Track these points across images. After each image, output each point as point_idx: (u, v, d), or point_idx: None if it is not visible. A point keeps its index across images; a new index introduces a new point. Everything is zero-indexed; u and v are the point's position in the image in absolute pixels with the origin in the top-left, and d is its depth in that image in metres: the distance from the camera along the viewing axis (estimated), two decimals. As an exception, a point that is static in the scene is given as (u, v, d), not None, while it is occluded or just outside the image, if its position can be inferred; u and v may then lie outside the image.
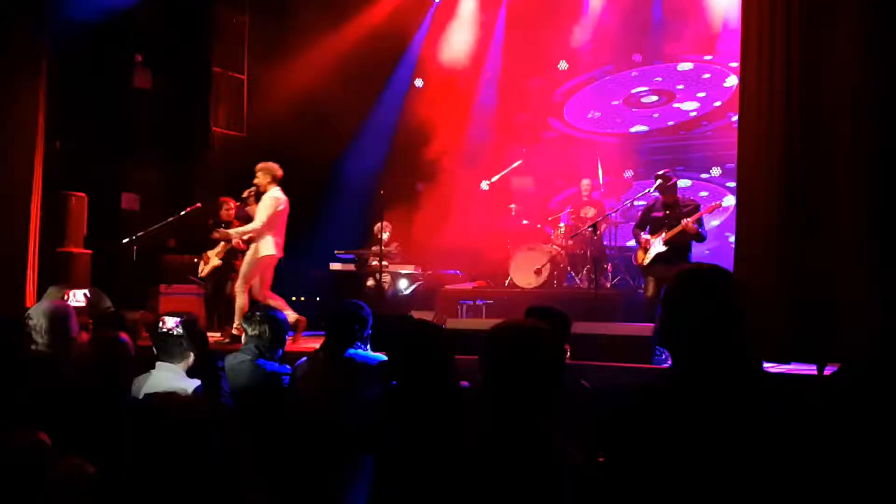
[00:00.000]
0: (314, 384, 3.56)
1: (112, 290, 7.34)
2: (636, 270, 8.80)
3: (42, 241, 8.35)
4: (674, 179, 7.38)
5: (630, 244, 9.58)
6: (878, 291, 5.59)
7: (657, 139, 10.90)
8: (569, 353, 5.82)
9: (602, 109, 11.31)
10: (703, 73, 10.64)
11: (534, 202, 10.62)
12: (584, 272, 9.09)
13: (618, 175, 10.47)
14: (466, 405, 2.57)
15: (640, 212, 7.74)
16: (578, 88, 11.42)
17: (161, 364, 3.48)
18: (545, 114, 11.53)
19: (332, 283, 9.84)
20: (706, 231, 7.19)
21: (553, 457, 1.88)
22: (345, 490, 3.19)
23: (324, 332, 3.88)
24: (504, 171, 9.72)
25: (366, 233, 9.77)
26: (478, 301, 9.00)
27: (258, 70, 10.81)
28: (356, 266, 9.66)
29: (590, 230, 8.60)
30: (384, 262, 8.96)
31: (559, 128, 11.53)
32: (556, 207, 10.27)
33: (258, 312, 4.08)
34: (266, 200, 7.25)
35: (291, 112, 10.16)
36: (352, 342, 3.71)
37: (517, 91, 11.27)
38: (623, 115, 11.17)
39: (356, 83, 10.52)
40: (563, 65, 11.07)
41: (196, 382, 3.48)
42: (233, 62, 10.82)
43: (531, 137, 11.09)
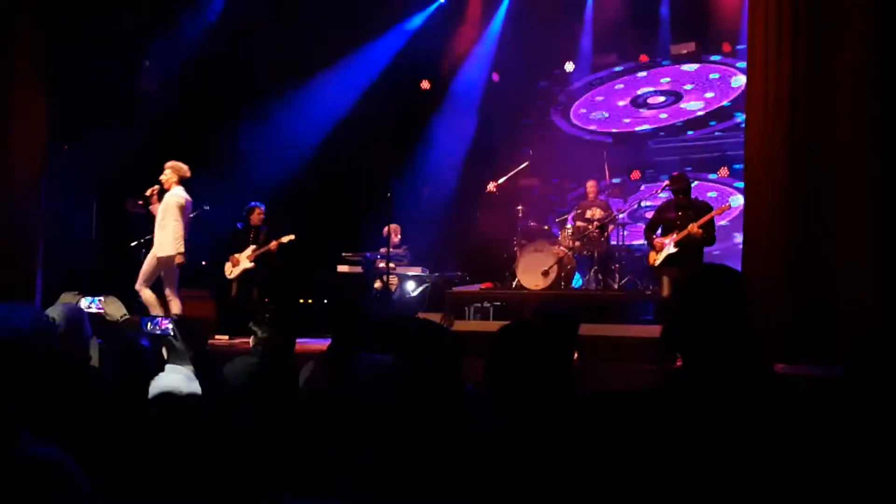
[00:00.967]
0: (321, 386, 3.56)
1: (121, 294, 7.37)
2: (644, 271, 8.79)
3: (50, 244, 8.40)
4: (688, 180, 7.39)
5: (637, 243, 9.59)
6: (887, 290, 5.59)
7: (665, 140, 10.88)
8: (577, 355, 5.85)
9: (609, 110, 11.30)
10: (711, 73, 10.62)
11: (541, 204, 10.63)
12: (592, 273, 9.08)
13: (625, 176, 10.45)
14: (472, 406, 2.57)
15: (654, 212, 7.73)
16: (585, 90, 11.41)
17: (170, 366, 3.49)
18: (552, 115, 11.53)
19: (339, 286, 9.85)
20: (715, 234, 7.18)
21: (559, 459, 1.88)
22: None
23: (330, 335, 3.88)
24: (511, 173, 9.70)
25: (374, 236, 9.79)
26: (485, 303, 8.99)
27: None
28: (363, 268, 9.67)
29: (597, 231, 8.60)
30: (391, 265, 8.98)
31: (566, 129, 11.52)
32: (563, 209, 10.25)
33: (268, 316, 4.08)
34: (173, 199, 7.39)
35: (293, 113, 10.18)
36: (358, 344, 3.71)
37: (523, 93, 11.29)
38: (630, 116, 11.16)
39: (362, 83, 10.55)
40: (570, 66, 11.07)
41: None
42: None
43: (538, 139, 11.08)
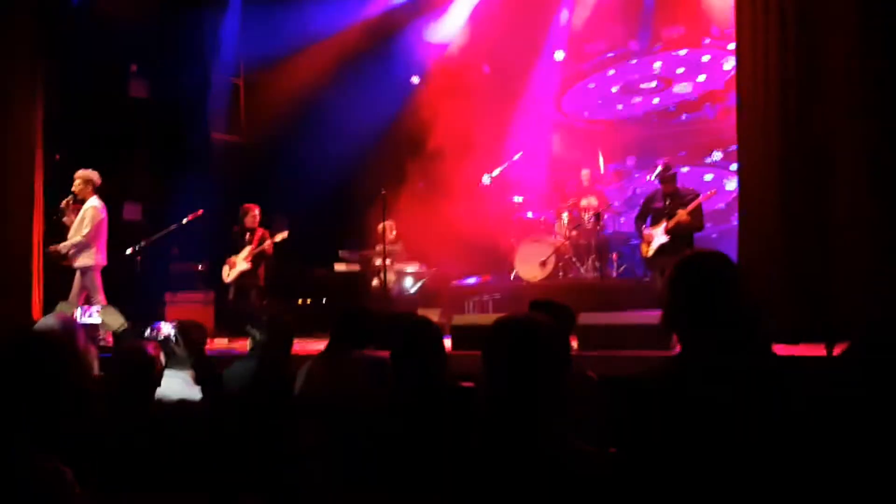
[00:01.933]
0: (319, 384, 3.55)
1: (118, 301, 7.36)
2: (641, 258, 8.78)
3: (45, 256, 8.37)
4: (674, 169, 7.45)
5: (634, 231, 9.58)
6: (885, 267, 5.59)
7: (658, 125, 10.86)
8: (575, 345, 5.84)
9: (602, 97, 11.27)
10: (703, 56, 10.59)
11: (536, 194, 10.61)
12: (590, 262, 9.07)
13: (619, 163, 10.44)
14: (470, 401, 2.56)
15: (641, 203, 7.76)
16: (577, 78, 11.38)
17: (169, 371, 3.48)
18: (544, 105, 11.50)
19: (337, 285, 9.83)
20: (704, 219, 7.25)
21: (558, 449, 1.87)
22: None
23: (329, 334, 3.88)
24: (505, 165, 9.69)
25: (370, 233, 9.76)
26: (484, 296, 8.99)
27: (254, 74, 10.81)
28: (360, 266, 9.66)
29: (593, 220, 8.59)
30: (388, 261, 8.96)
31: (558, 118, 11.49)
32: (558, 198, 10.24)
33: (266, 318, 4.07)
34: (88, 212, 7.45)
35: (289, 114, 10.15)
36: (356, 342, 3.71)
37: (514, 83, 11.26)
38: (623, 102, 11.12)
39: (353, 82, 10.50)
40: (560, 55, 11.04)
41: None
42: (228, 67, 10.83)
43: (530, 129, 11.05)
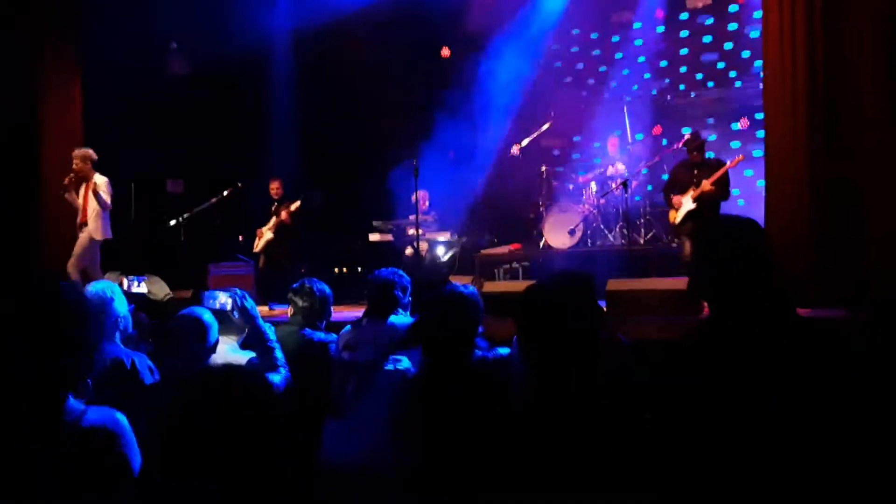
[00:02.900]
0: (358, 351, 3.61)
1: (163, 272, 7.49)
2: (668, 226, 8.72)
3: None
4: (702, 138, 7.40)
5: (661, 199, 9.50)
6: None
7: (685, 93, 10.69)
8: (605, 310, 5.84)
9: (629, 67, 11.10)
10: (729, 25, 10.38)
11: (564, 163, 10.54)
12: (617, 229, 9.02)
13: (646, 131, 10.31)
14: (502, 370, 2.59)
15: (670, 172, 7.73)
16: (606, 49, 11.20)
17: (220, 338, 3.55)
18: (571, 76, 11.37)
19: (372, 254, 9.90)
20: (729, 188, 7.20)
21: (592, 410, 1.89)
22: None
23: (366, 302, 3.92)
24: (534, 135, 9.63)
25: (403, 203, 9.79)
26: (514, 263, 9.00)
27: (290, 48, 10.80)
28: (394, 235, 9.70)
29: (620, 188, 8.53)
30: (421, 231, 9.00)
31: (585, 88, 11.34)
32: (587, 167, 10.17)
33: (307, 285, 4.13)
34: (102, 186, 7.55)
35: (325, 89, 10.16)
36: (393, 309, 3.75)
37: (544, 56, 11.18)
38: (650, 71, 10.94)
39: (386, 54, 10.46)
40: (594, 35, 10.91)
41: (250, 354, 3.56)
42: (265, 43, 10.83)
43: (558, 100, 10.96)
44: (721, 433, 1.89)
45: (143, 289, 4.53)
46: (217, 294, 3.57)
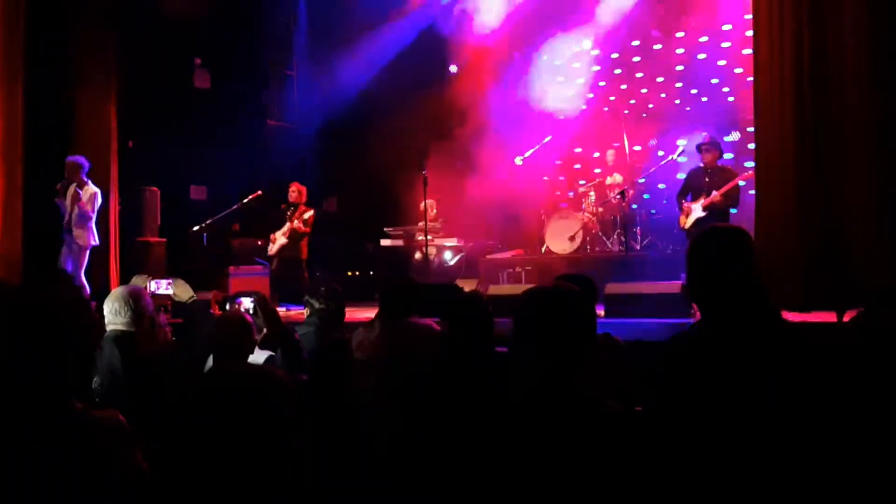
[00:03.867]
0: (371, 351, 3.64)
1: (186, 274, 7.53)
2: (663, 232, 8.74)
3: (122, 233, 8.62)
4: (719, 147, 7.48)
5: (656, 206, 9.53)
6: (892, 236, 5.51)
7: (680, 106, 10.69)
8: (602, 312, 5.86)
9: (628, 83, 11.11)
10: (723, 43, 10.38)
11: (565, 173, 10.56)
12: (615, 236, 9.04)
13: (643, 143, 10.33)
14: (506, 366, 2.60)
15: (685, 179, 7.78)
16: (603, 64, 11.21)
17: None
18: (573, 90, 11.39)
19: (383, 258, 9.95)
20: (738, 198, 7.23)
21: (587, 407, 1.91)
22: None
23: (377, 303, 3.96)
24: (536, 147, 9.67)
25: (412, 211, 9.84)
26: (517, 268, 9.03)
27: (304, 64, 10.88)
28: (404, 241, 9.75)
29: (618, 197, 8.56)
30: (430, 237, 9.05)
31: (587, 102, 11.35)
32: (586, 177, 10.21)
33: (323, 288, 4.16)
34: (86, 193, 7.56)
35: (339, 102, 10.22)
36: (403, 311, 3.78)
37: (545, 71, 11.24)
38: (647, 86, 10.94)
39: (396, 70, 10.53)
40: (587, 44, 10.93)
41: (266, 353, 3.60)
42: (283, 59, 10.92)
43: (560, 113, 11.00)
44: (710, 428, 1.90)
45: (169, 291, 4.56)
46: (241, 297, 3.62)
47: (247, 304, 3.58)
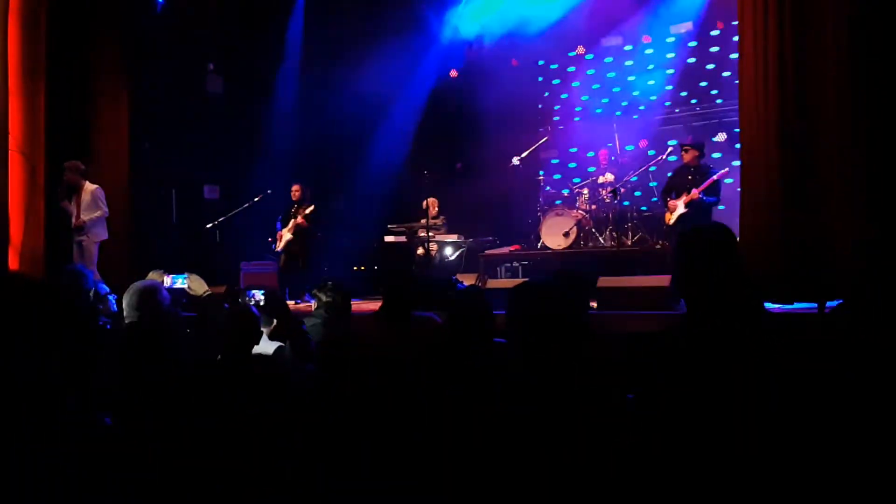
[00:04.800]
0: (375, 341, 3.65)
1: (199, 270, 7.53)
2: (654, 229, 8.74)
3: (138, 230, 8.63)
4: (702, 146, 7.52)
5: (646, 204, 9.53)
6: (872, 231, 5.50)
7: (670, 109, 10.66)
8: (595, 305, 5.87)
9: (620, 85, 11.08)
10: (711, 48, 10.35)
11: (560, 172, 10.55)
12: (608, 232, 9.04)
13: (634, 144, 10.31)
14: (501, 356, 2.61)
15: (669, 176, 7.81)
16: (594, 67, 11.19)
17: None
18: (566, 92, 11.38)
19: (387, 254, 9.96)
20: (716, 196, 7.26)
21: (576, 395, 1.91)
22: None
23: (381, 296, 3.96)
24: (532, 148, 9.67)
25: (415, 208, 9.85)
26: (514, 262, 9.03)
27: (314, 71, 10.85)
28: (407, 237, 9.75)
29: (610, 195, 8.55)
30: (431, 233, 9.06)
31: (581, 104, 11.33)
32: (580, 176, 10.20)
33: (330, 283, 4.17)
34: (96, 192, 7.54)
35: (345, 106, 10.20)
36: (406, 304, 3.78)
37: (541, 74, 11.23)
38: (638, 88, 10.91)
39: (399, 75, 10.52)
40: (581, 49, 10.90)
41: (276, 344, 3.60)
42: (291, 63, 10.89)
43: (554, 115, 10.97)
44: (695, 416, 1.90)
45: (185, 285, 4.57)
46: (253, 291, 3.63)
47: (258, 297, 3.59)
